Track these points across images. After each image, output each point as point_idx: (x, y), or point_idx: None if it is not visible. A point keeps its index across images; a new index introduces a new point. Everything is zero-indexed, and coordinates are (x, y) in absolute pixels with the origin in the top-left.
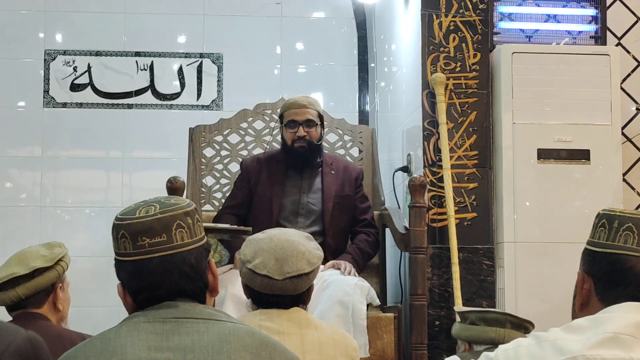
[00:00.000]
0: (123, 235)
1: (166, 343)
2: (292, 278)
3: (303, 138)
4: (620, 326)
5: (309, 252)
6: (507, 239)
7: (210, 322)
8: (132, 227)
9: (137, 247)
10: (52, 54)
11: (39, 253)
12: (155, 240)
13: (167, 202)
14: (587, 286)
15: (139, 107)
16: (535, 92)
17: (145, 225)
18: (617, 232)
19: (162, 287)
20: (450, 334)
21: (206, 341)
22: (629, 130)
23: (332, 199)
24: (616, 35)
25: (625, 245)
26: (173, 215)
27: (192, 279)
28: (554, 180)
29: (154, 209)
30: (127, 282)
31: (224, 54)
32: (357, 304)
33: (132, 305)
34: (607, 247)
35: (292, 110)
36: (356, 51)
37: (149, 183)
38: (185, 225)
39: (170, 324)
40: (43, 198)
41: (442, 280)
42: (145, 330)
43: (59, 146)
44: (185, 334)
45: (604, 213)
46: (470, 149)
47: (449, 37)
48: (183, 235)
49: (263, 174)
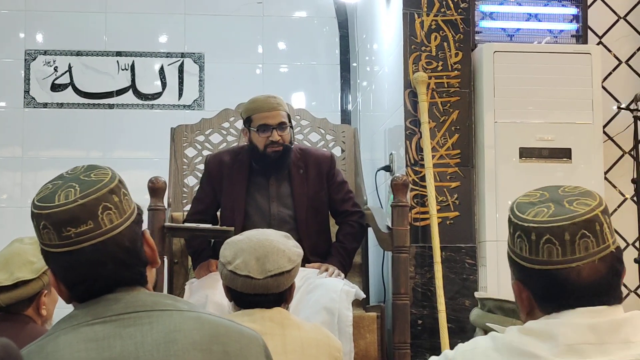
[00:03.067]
0: (45, 226)
1: (108, 353)
2: (273, 276)
3: (277, 142)
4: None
5: (289, 249)
6: (489, 237)
7: (154, 315)
8: (53, 217)
9: (63, 238)
10: (33, 54)
11: (27, 258)
12: (82, 229)
13: (87, 180)
14: (526, 295)
15: (120, 107)
16: (517, 91)
17: (68, 213)
18: (538, 245)
19: (98, 279)
20: (433, 333)
21: (150, 343)
22: (610, 129)
23: (304, 205)
24: (597, 34)
25: (551, 260)
26: (97, 197)
27: (129, 265)
28: (535, 179)
29: (74, 192)
30: (59, 274)
31: (205, 53)
32: (344, 310)
33: (68, 295)
34: (534, 262)
35: (262, 113)
36: (338, 50)
37: (130, 183)
38: (112, 206)
39: (111, 324)
40: (23, 199)
41: (424, 279)
42: (86, 338)
43: (40, 146)
44: (128, 337)
45: (517, 223)
46: (453, 148)
47: (431, 36)
48: (112, 218)
49: (225, 180)
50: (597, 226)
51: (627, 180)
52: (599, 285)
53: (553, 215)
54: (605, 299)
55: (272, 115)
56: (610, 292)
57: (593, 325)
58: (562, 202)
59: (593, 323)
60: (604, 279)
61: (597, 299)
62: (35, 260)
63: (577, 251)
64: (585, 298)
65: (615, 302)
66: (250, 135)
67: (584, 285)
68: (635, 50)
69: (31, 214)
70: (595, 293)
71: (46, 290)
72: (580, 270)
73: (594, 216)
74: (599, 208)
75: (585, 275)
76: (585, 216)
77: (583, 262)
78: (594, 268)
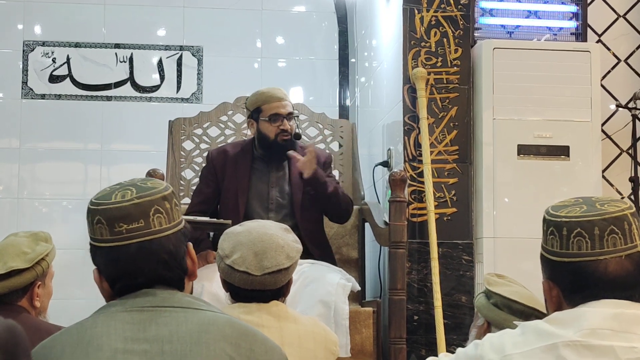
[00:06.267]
0: (99, 221)
1: (143, 334)
2: (271, 273)
3: (287, 131)
4: (598, 321)
5: (288, 245)
6: (486, 234)
7: (189, 311)
8: (108, 213)
9: (114, 234)
10: (31, 45)
11: (21, 249)
12: (133, 226)
13: (143, 186)
14: (555, 293)
15: (118, 100)
16: (516, 88)
17: (122, 210)
18: (569, 239)
19: (140, 274)
20: (429, 329)
21: (184, 331)
22: (609, 127)
23: (300, 189)
24: (596, 32)
25: (580, 252)
26: (151, 200)
27: (170, 267)
28: (533, 176)
29: (130, 193)
30: (104, 269)
31: (204, 46)
32: (340, 304)
33: (109, 292)
34: (564, 256)
35: (273, 103)
36: (337, 46)
37: (128, 176)
38: (163, 210)
39: (148, 313)
40: (20, 190)
41: (421, 275)
42: (122, 320)
43: (37, 138)
44: (164, 324)
45: (550, 220)
46: (451, 144)
47: (431, 32)
48: (161, 221)
49: (229, 168)
50: (625, 225)
51: (625, 179)
52: (625, 281)
53: (585, 212)
54: (630, 294)
55: (283, 105)
56: (635, 288)
57: (617, 314)
58: (594, 204)
59: (617, 313)
60: (630, 275)
61: (622, 293)
62: (29, 251)
63: (606, 246)
64: (611, 291)
65: None
66: (259, 126)
67: (610, 279)
68: (635, 49)
69: (87, 211)
70: (620, 287)
71: (40, 282)
72: (607, 264)
73: (624, 215)
74: (629, 210)
75: (612, 270)
76: (615, 214)
77: (610, 256)
78: (621, 263)
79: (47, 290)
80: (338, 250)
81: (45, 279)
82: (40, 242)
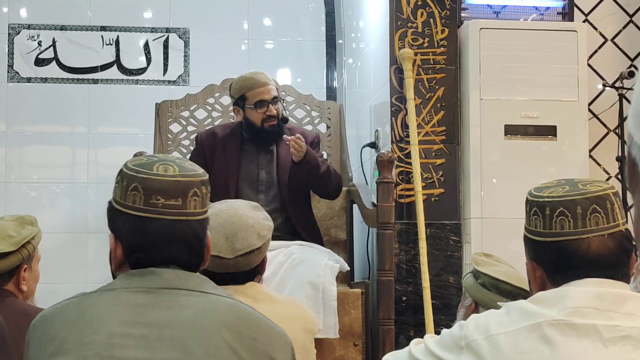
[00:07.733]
0: (135, 188)
1: (143, 318)
2: (243, 255)
3: (273, 116)
4: (581, 300)
5: (259, 224)
6: (474, 214)
7: (193, 295)
8: (148, 183)
9: (150, 205)
10: (17, 28)
11: (6, 232)
12: (171, 203)
13: (184, 166)
14: (539, 273)
15: (104, 82)
16: (503, 68)
17: (163, 184)
18: (552, 219)
19: (164, 251)
20: (417, 310)
21: (184, 316)
22: (596, 107)
23: (287, 170)
24: (583, 12)
25: (563, 231)
26: (191, 181)
27: (194, 250)
28: (521, 156)
29: (173, 169)
30: (125, 236)
31: (190, 28)
32: (328, 285)
33: (121, 260)
34: (547, 235)
35: (257, 89)
36: (324, 27)
37: (115, 159)
38: (200, 194)
39: (152, 295)
40: (8, 174)
41: (409, 256)
42: (125, 302)
43: (24, 122)
44: (166, 308)
45: (533, 200)
46: (438, 125)
47: (417, 12)
48: (196, 204)
49: (218, 150)
50: (608, 204)
51: (612, 158)
52: (607, 260)
53: (567, 192)
54: (612, 273)
55: (267, 90)
56: (617, 267)
57: (600, 293)
58: (577, 185)
59: (600, 292)
60: (613, 254)
61: (604, 272)
62: (14, 234)
63: (588, 225)
64: (594, 270)
65: (623, 278)
66: (246, 113)
67: (592, 258)
68: (621, 29)
69: (121, 174)
70: (603, 266)
71: (26, 265)
72: (590, 243)
73: (606, 195)
74: (611, 190)
75: (595, 249)
76: (597, 194)
77: (593, 235)
78: (603, 242)
79: (33, 274)
80: (326, 232)
81: (31, 262)
82: (26, 226)
